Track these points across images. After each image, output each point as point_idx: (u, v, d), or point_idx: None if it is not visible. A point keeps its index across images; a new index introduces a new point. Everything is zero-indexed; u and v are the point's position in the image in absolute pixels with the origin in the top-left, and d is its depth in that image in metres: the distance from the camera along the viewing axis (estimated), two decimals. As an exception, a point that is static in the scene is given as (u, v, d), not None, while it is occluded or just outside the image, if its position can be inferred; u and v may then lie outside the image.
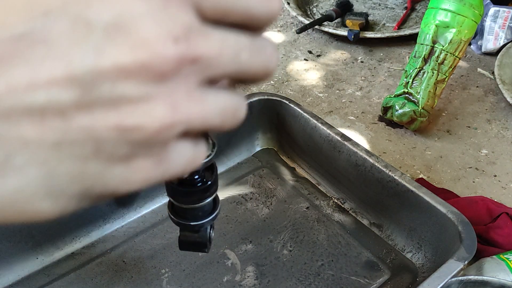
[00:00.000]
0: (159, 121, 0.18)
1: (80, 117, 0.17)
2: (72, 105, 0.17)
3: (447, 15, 0.79)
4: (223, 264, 0.63)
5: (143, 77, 0.18)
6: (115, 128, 0.18)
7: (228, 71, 0.20)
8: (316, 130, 0.72)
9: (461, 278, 0.54)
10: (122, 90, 0.17)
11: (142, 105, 0.18)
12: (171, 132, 0.19)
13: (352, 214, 0.70)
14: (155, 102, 0.18)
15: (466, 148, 0.82)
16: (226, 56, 0.19)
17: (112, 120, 0.18)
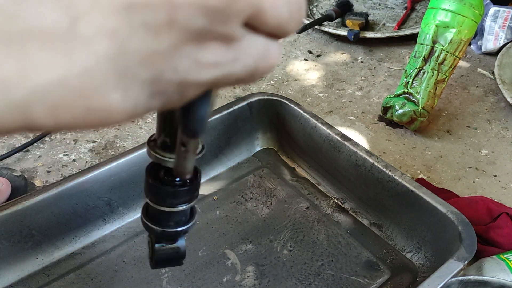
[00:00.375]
0: (255, 53, 0.18)
1: (158, 37, 0.16)
2: (196, 33, 0.17)
3: (447, 15, 0.79)
4: (223, 264, 0.63)
5: (261, 24, 0.18)
6: (215, 62, 0.17)
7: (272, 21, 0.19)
8: (316, 130, 0.72)
9: (461, 278, 0.54)
10: (235, 29, 0.17)
11: (244, 43, 0.18)
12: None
13: (352, 214, 0.70)
14: (254, 39, 0.18)
15: (466, 148, 0.82)
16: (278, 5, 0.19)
17: (216, 53, 0.17)
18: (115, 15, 0.15)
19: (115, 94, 0.16)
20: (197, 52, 0.17)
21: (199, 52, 0.17)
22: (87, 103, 0.15)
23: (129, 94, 0.16)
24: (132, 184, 0.67)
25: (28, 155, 0.80)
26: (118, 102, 0.16)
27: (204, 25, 0.17)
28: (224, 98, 0.92)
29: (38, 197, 0.60)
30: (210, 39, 0.17)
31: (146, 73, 0.16)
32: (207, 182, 0.74)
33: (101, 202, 0.65)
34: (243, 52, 0.19)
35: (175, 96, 0.18)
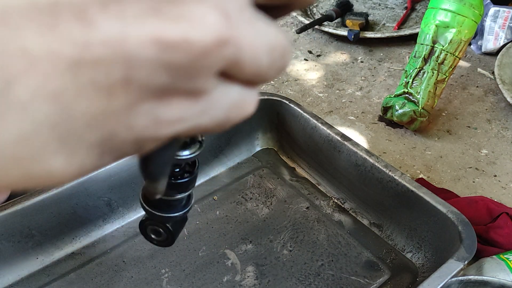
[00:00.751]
0: (212, 34, 0.14)
1: (106, 23, 0.13)
2: (96, 3, 0.13)
3: (447, 15, 0.79)
4: (223, 264, 0.63)
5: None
6: (154, 42, 0.14)
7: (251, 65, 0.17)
8: (316, 130, 0.72)
9: (461, 278, 0.54)
10: None
11: (190, 8, 0.14)
12: (221, 56, 0.15)
13: (352, 214, 0.70)
14: (206, 6, 0.14)
15: (466, 148, 0.82)
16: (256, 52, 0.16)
17: (150, 29, 0.13)
18: (57, 75, 0.13)
19: (58, 159, 0.14)
20: (156, 110, 0.15)
21: (159, 109, 0.15)
22: (25, 169, 0.14)
23: (74, 157, 0.14)
24: (132, 184, 0.67)
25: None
26: (61, 166, 0.14)
27: (167, 82, 0.14)
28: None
29: (38, 197, 0.60)
30: (174, 95, 0.15)
31: (94, 135, 0.14)
32: (207, 182, 0.74)
33: (101, 202, 0.65)
34: (212, 105, 0.16)
35: (130, 151, 0.16)
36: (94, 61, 0.13)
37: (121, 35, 0.13)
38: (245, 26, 0.15)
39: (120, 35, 0.13)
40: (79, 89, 0.13)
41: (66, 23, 0.13)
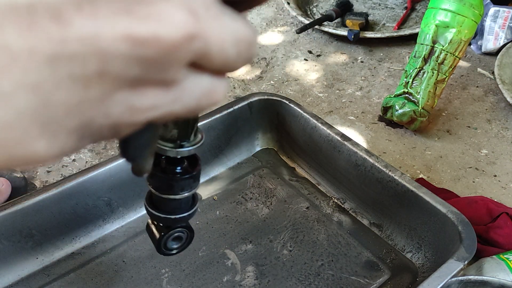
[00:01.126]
0: (179, 30, 0.15)
1: (81, 22, 0.14)
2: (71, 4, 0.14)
3: (447, 15, 0.79)
4: (223, 264, 0.63)
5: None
6: (125, 39, 0.15)
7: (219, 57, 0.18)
8: (316, 130, 0.72)
9: (461, 278, 0.54)
10: None
11: (158, 8, 0.15)
12: (190, 49, 0.16)
13: (352, 214, 0.70)
14: (174, 5, 0.15)
15: (466, 148, 0.82)
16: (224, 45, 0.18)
17: (122, 27, 0.15)
18: (37, 69, 0.14)
19: (39, 142, 0.15)
20: (131, 98, 0.16)
21: (133, 97, 0.16)
22: (10, 152, 0.15)
23: (55, 141, 0.16)
24: (132, 184, 0.67)
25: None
26: (43, 149, 0.16)
27: (139, 73, 0.16)
28: (224, 98, 0.92)
29: (38, 197, 0.60)
30: (147, 85, 0.16)
31: (73, 122, 0.16)
32: (207, 182, 0.74)
33: (101, 202, 0.65)
34: (184, 93, 0.18)
35: (108, 135, 0.17)
36: (70, 56, 0.14)
37: (95, 33, 0.14)
38: (212, 21, 0.17)
39: (94, 33, 0.14)
40: (57, 81, 0.15)
41: (43, 22, 0.14)
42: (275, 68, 1.02)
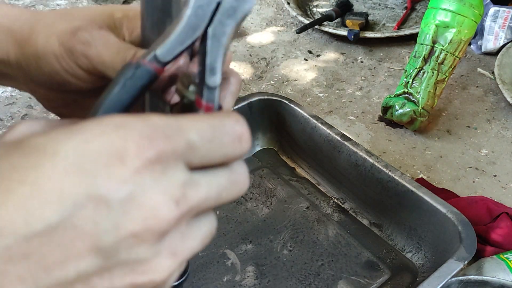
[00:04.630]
0: (167, 272, 0.22)
1: (101, 281, 0.21)
2: (96, 272, 0.20)
3: (447, 15, 0.79)
4: (223, 264, 0.63)
5: (152, 240, 0.21)
6: (131, 286, 0.21)
7: (212, 204, 0.24)
8: (316, 130, 0.72)
9: (461, 278, 0.54)
10: (136, 254, 0.21)
11: (152, 263, 0.21)
12: (174, 275, 0.23)
13: (352, 214, 0.70)
14: (161, 257, 0.22)
15: (466, 148, 0.82)
16: (212, 197, 0.23)
17: (128, 280, 0.21)
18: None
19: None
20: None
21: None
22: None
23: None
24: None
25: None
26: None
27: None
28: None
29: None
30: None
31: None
32: (207, 182, 0.74)
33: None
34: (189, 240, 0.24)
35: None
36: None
37: (111, 286, 0.21)
38: (186, 245, 0.23)
39: (110, 286, 0.21)
40: None
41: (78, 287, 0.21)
42: (275, 68, 1.02)
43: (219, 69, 0.25)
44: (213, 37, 0.25)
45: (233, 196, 0.25)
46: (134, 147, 0.21)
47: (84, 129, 0.21)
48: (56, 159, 0.20)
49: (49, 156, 0.20)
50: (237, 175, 0.25)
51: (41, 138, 0.21)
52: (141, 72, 0.25)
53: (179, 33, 0.25)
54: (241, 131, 0.24)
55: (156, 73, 0.26)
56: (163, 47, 0.25)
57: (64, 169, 0.20)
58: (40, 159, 0.20)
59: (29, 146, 0.20)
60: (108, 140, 0.21)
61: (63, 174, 0.20)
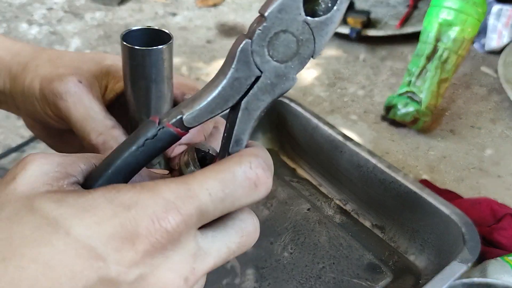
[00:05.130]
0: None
1: None
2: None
3: (450, 13, 0.78)
4: (222, 267, 0.62)
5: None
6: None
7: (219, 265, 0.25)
8: (317, 130, 0.71)
9: (464, 280, 0.54)
10: None
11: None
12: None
13: (354, 215, 0.69)
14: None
15: (469, 148, 0.81)
16: (220, 262, 0.25)
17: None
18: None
19: None
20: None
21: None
22: None
23: None
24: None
25: (24, 155, 0.78)
26: None
27: None
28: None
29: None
30: None
31: None
32: (207, 183, 0.74)
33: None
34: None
35: None
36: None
37: None
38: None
39: None
40: None
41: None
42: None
43: (245, 141, 0.25)
44: (245, 110, 0.24)
45: (243, 251, 0.26)
46: (146, 231, 0.21)
47: (96, 209, 0.21)
48: (69, 240, 0.20)
49: (62, 235, 0.20)
50: (247, 237, 0.25)
51: (54, 210, 0.21)
52: (163, 134, 0.24)
53: (210, 102, 0.24)
54: (256, 176, 0.23)
55: (178, 136, 0.25)
56: (191, 113, 0.24)
57: (76, 250, 0.20)
58: (53, 236, 0.20)
59: (42, 217, 0.21)
60: (119, 222, 0.21)
61: (75, 256, 0.20)
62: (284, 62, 0.24)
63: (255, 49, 0.23)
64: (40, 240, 0.20)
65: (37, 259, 0.20)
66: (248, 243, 0.26)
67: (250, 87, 0.24)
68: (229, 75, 0.23)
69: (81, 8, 1.19)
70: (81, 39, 1.08)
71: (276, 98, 0.24)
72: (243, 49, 0.23)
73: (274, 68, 0.23)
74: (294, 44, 0.23)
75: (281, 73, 0.24)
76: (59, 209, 0.21)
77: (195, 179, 0.23)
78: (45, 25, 1.13)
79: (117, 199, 0.22)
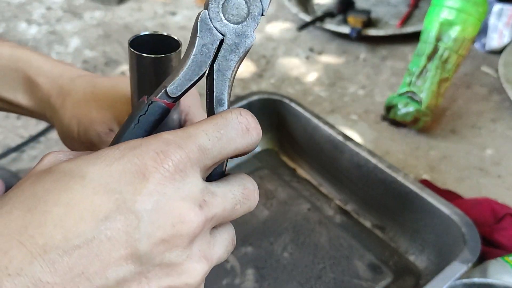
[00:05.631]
0: (200, 275, 0.25)
1: (140, 286, 0.23)
2: (134, 278, 0.22)
3: (451, 12, 0.78)
4: (222, 267, 0.62)
5: (183, 244, 0.23)
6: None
7: (228, 215, 0.26)
8: (317, 130, 0.71)
9: (465, 280, 0.54)
10: (169, 258, 0.23)
11: (185, 266, 0.24)
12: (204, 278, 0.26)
13: (354, 216, 0.69)
14: (193, 261, 0.24)
15: (470, 148, 0.81)
16: (228, 208, 0.26)
17: (164, 283, 0.23)
18: None
19: None
20: None
21: None
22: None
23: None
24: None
25: (23, 155, 0.79)
26: None
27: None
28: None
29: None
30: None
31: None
32: (207, 182, 0.74)
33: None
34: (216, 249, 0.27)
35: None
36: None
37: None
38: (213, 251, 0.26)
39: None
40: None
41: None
42: (276, 66, 1.01)
43: (226, 100, 0.28)
44: (218, 71, 0.27)
45: (245, 210, 0.27)
46: (152, 162, 0.23)
47: (104, 155, 0.24)
48: (85, 182, 0.22)
49: (78, 179, 0.23)
50: (249, 192, 0.28)
51: (68, 164, 0.24)
52: (153, 108, 0.27)
53: (186, 70, 0.27)
54: (247, 120, 0.26)
55: (167, 108, 0.28)
56: (173, 84, 0.27)
57: (92, 189, 0.22)
58: (70, 182, 0.23)
59: (59, 172, 0.23)
60: (127, 160, 0.23)
61: (92, 194, 0.22)
62: (240, 22, 0.27)
63: (212, 16, 0.27)
64: (60, 187, 0.22)
65: (59, 202, 0.22)
66: (251, 199, 0.28)
67: (218, 51, 0.27)
68: (196, 43, 0.27)
69: (80, 7, 1.18)
70: (80, 39, 1.08)
71: (243, 56, 0.28)
72: (202, 19, 0.27)
73: (233, 30, 0.27)
74: (244, 6, 0.27)
75: (240, 33, 0.27)
76: (73, 162, 0.24)
77: (192, 126, 0.25)
78: (44, 24, 1.12)
79: (123, 145, 0.24)
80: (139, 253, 0.22)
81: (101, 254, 0.22)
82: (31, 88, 0.44)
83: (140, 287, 0.23)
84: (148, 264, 0.23)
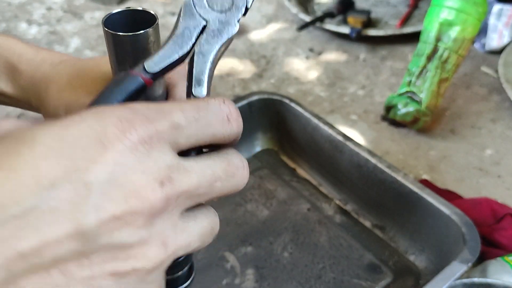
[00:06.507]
0: (152, 262, 0.21)
1: (79, 268, 0.20)
2: (74, 257, 0.20)
3: (451, 12, 0.78)
4: (222, 267, 0.62)
5: (136, 223, 0.20)
6: (112, 275, 0.20)
7: (205, 194, 0.23)
8: (317, 130, 0.71)
9: (465, 280, 0.54)
10: (118, 238, 0.20)
11: (135, 249, 0.21)
12: (162, 267, 0.22)
13: (354, 215, 0.69)
14: (149, 244, 0.21)
15: (470, 148, 0.81)
16: (204, 186, 0.23)
17: (108, 267, 0.20)
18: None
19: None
20: None
21: None
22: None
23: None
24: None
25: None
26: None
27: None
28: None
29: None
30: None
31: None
32: (207, 182, 0.74)
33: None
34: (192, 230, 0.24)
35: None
36: None
37: (91, 274, 0.20)
38: (179, 237, 0.22)
39: (90, 274, 0.20)
40: None
41: (55, 275, 0.20)
42: (275, 66, 1.01)
43: (205, 81, 0.27)
44: (199, 53, 0.28)
45: (229, 189, 0.24)
46: (114, 130, 0.20)
47: (64, 120, 0.21)
48: (34, 145, 0.20)
49: (27, 143, 0.20)
50: (234, 168, 0.25)
51: (22, 130, 0.21)
52: (128, 80, 0.27)
53: (167, 48, 0.27)
54: (228, 110, 0.25)
55: (143, 82, 0.27)
56: (151, 59, 0.27)
57: (42, 153, 0.20)
58: (18, 146, 0.20)
59: (10, 137, 0.20)
60: (87, 125, 0.20)
61: (41, 158, 0.19)
62: (224, 11, 0.28)
63: (196, 3, 0.28)
64: (8, 151, 0.20)
65: (2, 167, 0.19)
66: (237, 177, 0.25)
67: (201, 34, 0.28)
68: (179, 25, 0.28)
69: (80, 7, 1.18)
70: (80, 39, 1.08)
71: (226, 43, 0.28)
72: (186, 4, 0.28)
73: (216, 17, 0.28)
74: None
75: (224, 21, 0.28)
76: (29, 128, 0.21)
77: (169, 102, 0.24)
78: (45, 24, 1.13)
79: (86, 111, 0.21)
80: (84, 228, 0.19)
81: (40, 228, 0.19)
82: (14, 75, 0.42)
83: (79, 270, 0.20)
84: (93, 242, 0.20)
